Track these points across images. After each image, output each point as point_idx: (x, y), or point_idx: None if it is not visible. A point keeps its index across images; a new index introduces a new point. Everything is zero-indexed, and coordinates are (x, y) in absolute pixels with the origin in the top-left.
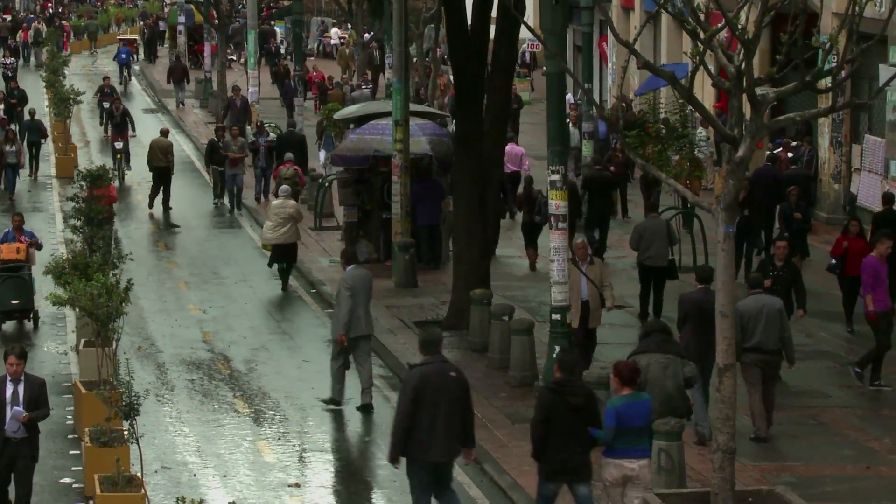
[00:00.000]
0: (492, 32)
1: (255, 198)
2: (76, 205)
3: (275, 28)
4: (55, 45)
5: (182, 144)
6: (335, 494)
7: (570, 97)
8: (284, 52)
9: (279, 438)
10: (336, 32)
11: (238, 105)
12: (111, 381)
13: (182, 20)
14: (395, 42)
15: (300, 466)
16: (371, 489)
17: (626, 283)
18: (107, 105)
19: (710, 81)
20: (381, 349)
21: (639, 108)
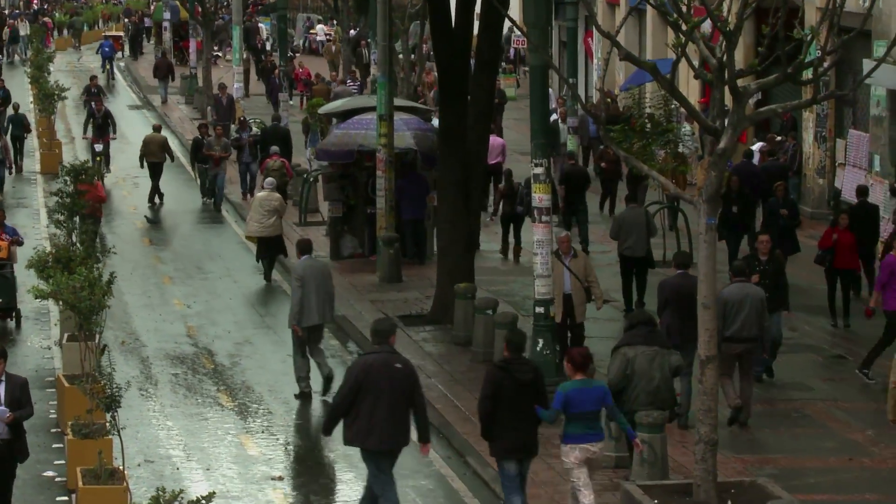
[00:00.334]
0: (476, 28)
1: (242, 195)
2: (59, 199)
3: (259, 24)
4: (39, 42)
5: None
6: (318, 487)
7: (552, 92)
8: (270, 49)
9: (263, 432)
10: (322, 29)
11: (224, 103)
12: (94, 374)
13: (167, 16)
14: (380, 37)
15: (284, 459)
16: (354, 482)
17: (612, 278)
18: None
19: (695, 76)
20: (366, 343)
21: (623, 104)
